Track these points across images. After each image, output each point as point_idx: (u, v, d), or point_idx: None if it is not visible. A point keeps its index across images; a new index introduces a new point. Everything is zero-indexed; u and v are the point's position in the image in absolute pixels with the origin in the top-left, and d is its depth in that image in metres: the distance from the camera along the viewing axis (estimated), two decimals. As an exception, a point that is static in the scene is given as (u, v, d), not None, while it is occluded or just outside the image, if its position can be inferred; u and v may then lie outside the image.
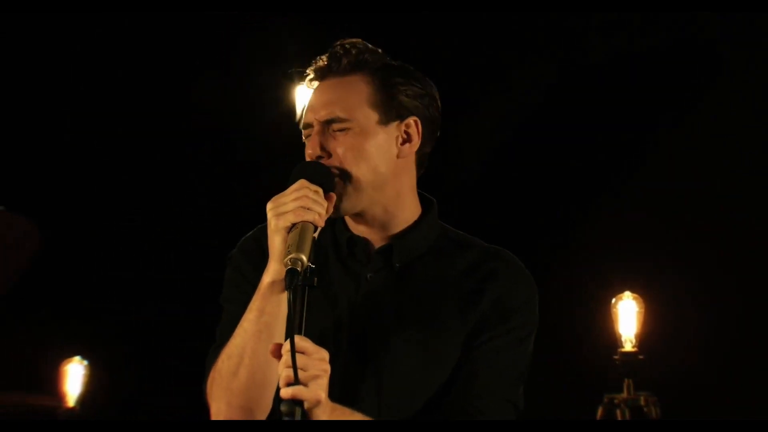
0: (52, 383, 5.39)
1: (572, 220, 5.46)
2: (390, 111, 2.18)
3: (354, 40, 2.21)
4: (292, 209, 2.02)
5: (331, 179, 2.11)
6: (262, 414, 2.06)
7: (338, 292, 2.16)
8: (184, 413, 3.49)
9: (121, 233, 6.01)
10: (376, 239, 2.20)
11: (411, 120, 2.20)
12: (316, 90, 2.20)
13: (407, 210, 2.22)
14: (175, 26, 5.44)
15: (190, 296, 5.14)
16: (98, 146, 5.79)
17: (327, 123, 2.15)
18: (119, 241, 6.01)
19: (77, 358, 5.45)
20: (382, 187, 2.17)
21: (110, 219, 5.97)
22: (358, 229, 2.20)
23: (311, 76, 2.22)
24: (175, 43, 5.55)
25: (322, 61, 2.20)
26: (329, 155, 2.14)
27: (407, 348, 2.12)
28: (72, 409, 5.36)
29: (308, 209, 2.01)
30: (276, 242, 2.02)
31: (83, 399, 5.38)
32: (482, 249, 2.23)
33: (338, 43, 2.21)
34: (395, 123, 2.19)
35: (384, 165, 2.17)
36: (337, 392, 2.00)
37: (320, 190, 2.06)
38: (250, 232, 2.26)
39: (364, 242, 2.20)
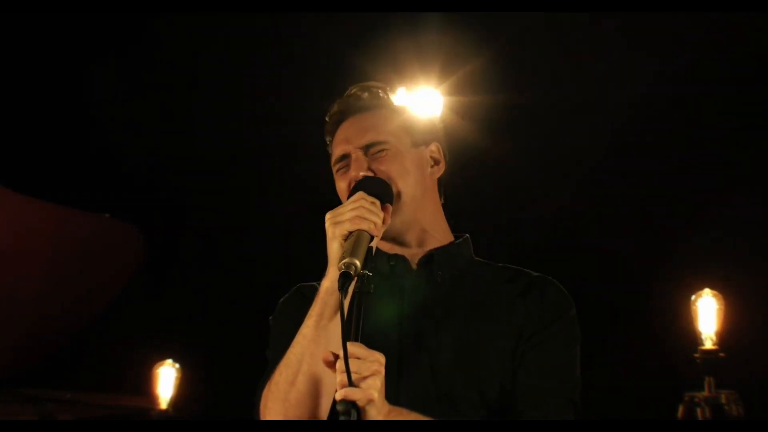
0: (145, 386, 5.54)
1: (651, 219, 5.42)
2: (416, 136, 2.37)
3: (368, 83, 2.39)
4: (349, 218, 2.11)
5: (389, 191, 2.23)
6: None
7: (382, 302, 2.22)
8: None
9: (215, 236, 6.13)
10: (414, 258, 2.33)
11: (434, 146, 2.40)
12: (343, 126, 2.36)
13: (441, 231, 2.38)
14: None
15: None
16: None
17: (366, 148, 2.29)
18: (211, 245, 6.12)
19: (169, 361, 5.61)
20: (422, 204, 2.32)
21: (201, 222, 6.10)
22: (394, 251, 2.32)
23: (335, 117, 2.37)
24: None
25: (343, 102, 2.37)
26: (374, 174, 2.27)
27: (458, 343, 2.20)
28: (164, 411, 5.49)
29: (364, 218, 2.11)
30: (333, 249, 2.12)
31: (175, 401, 5.52)
32: (517, 269, 2.35)
33: (353, 87, 2.38)
34: (422, 147, 2.37)
35: (421, 183, 2.33)
36: (392, 390, 2.04)
37: (377, 202, 2.16)
38: (288, 293, 2.38)
39: (403, 259, 2.32)
